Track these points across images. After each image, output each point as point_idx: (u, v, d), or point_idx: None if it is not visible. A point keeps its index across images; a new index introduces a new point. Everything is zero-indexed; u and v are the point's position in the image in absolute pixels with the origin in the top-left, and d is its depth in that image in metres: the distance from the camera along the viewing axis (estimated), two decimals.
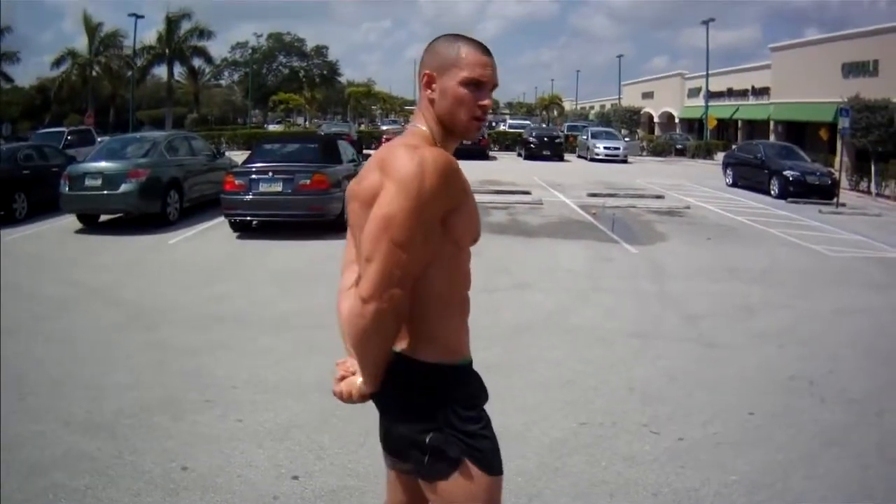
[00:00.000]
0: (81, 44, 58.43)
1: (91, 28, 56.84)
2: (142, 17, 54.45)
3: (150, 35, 65.11)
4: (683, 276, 11.33)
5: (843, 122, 24.13)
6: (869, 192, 27.91)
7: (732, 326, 8.52)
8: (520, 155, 42.08)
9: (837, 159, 28.84)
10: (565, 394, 6.15)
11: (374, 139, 45.39)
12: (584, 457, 4.99)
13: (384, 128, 57.78)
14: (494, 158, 39.98)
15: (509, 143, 47.57)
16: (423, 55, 2.40)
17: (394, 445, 2.43)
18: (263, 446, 5.06)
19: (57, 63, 57.21)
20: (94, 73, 57.42)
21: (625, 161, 40.53)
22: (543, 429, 5.29)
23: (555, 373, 6.63)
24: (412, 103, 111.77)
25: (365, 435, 4.84)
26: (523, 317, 8.08)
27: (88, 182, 14.50)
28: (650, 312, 9.05)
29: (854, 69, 36.16)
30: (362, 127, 65.64)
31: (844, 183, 25.99)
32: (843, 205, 22.21)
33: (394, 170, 2.16)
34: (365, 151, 21.40)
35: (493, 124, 69.61)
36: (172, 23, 58.69)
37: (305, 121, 79.20)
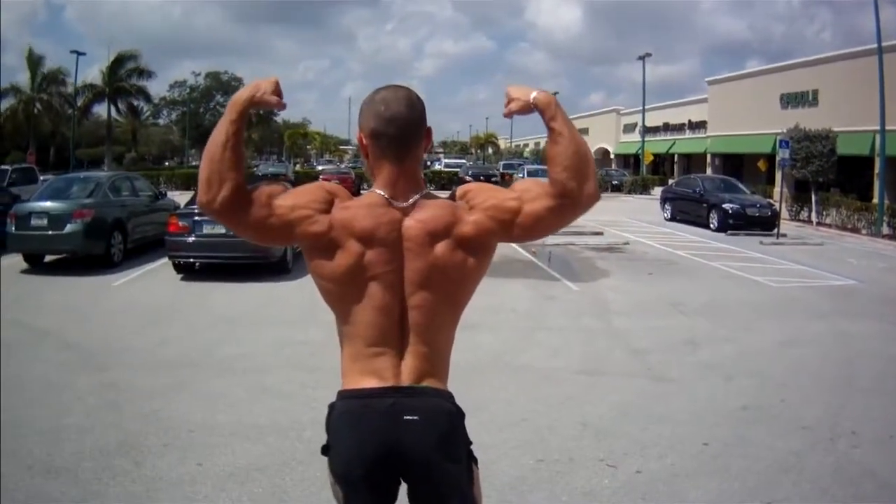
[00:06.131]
0: (23, 79, 58.10)
1: (34, 64, 56.25)
2: (83, 54, 53.90)
3: (91, 72, 64.38)
4: (627, 312, 11.60)
5: (783, 153, 24.98)
6: (809, 222, 28.86)
7: (679, 360, 8.78)
8: None
9: (776, 190, 29.73)
10: (520, 432, 6.28)
11: (311, 179, 45.21)
12: (545, 493, 5.12)
13: (320, 167, 57.75)
14: None
15: (444, 182, 47.87)
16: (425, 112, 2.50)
17: (443, 488, 2.46)
18: (226, 489, 5.09)
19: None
20: (35, 111, 57.12)
21: None
22: (501, 467, 5.41)
23: (507, 412, 6.75)
24: (346, 142, 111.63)
25: (326, 476, 4.90)
26: (471, 357, 8.19)
27: (34, 221, 14.64)
28: (597, 349, 9.26)
29: (793, 100, 37.50)
30: (298, 167, 65.59)
31: (785, 213, 26.86)
32: (784, 235, 22.98)
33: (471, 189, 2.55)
34: None
35: (429, 164, 70.13)
36: (117, 61, 58.28)
37: None
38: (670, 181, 39.31)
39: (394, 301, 2.40)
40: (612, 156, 71.05)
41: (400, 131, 2.38)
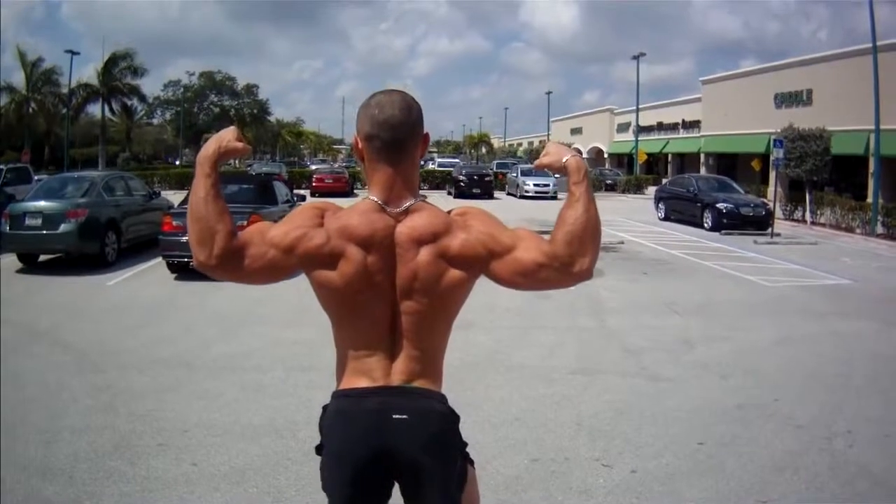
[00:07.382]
0: (17, 79, 58.02)
1: (27, 64, 56.19)
2: (77, 53, 53.77)
3: (86, 71, 63.94)
4: (621, 311, 11.63)
5: (777, 153, 25.04)
6: (803, 221, 28.91)
7: (675, 359, 8.78)
8: (450, 193, 42.42)
9: (770, 189, 29.78)
10: (514, 431, 6.28)
11: (305, 178, 45.21)
12: (540, 492, 5.13)
13: (313, 167, 57.81)
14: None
15: (438, 181, 47.88)
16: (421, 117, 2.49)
17: (432, 488, 2.46)
18: (220, 490, 5.09)
19: None
20: (30, 110, 57.31)
21: (555, 198, 41.07)
22: (496, 466, 5.42)
23: (502, 411, 6.76)
24: (340, 142, 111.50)
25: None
26: (466, 356, 8.20)
27: (28, 221, 14.65)
28: (592, 348, 9.27)
29: (787, 99, 37.64)
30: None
31: (779, 213, 26.92)
32: (778, 235, 23.04)
33: (471, 212, 2.53)
34: (296, 192, 21.45)
35: (423, 163, 69.99)
36: (111, 60, 58.26)
37: (236, 160, 78.98)
38: (664, 181, 39.31)
39: (386, 305, 2.42)
40: (605, 155, 71.18)
41: (393, 135, 2.39)
